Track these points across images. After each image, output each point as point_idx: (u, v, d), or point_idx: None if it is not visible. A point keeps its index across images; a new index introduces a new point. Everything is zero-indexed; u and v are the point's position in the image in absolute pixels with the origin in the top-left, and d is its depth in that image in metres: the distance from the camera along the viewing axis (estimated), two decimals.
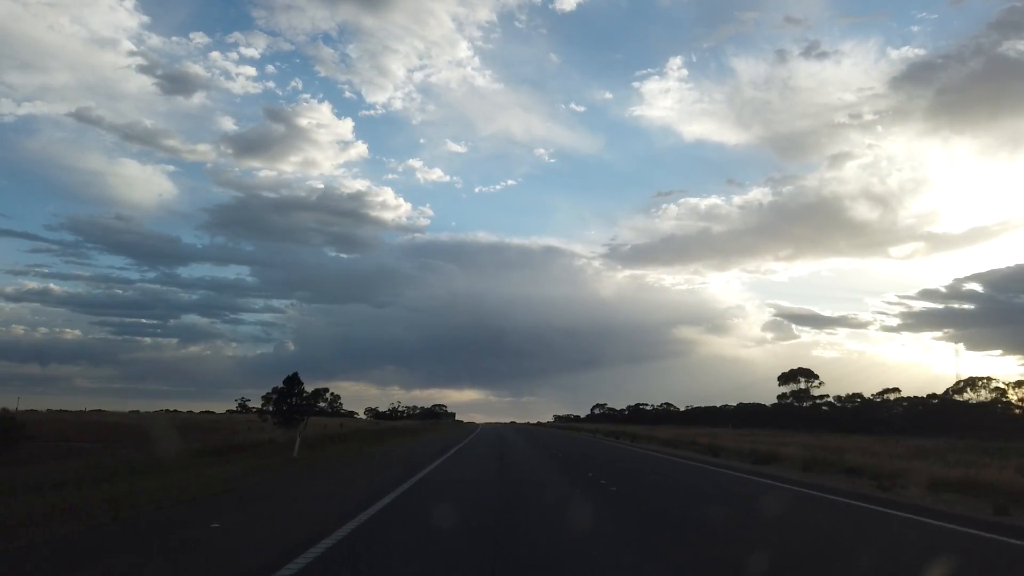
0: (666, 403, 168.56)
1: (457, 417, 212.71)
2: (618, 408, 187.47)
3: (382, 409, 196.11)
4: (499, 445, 42.09)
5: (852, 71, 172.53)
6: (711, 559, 8.35)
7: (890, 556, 8.85)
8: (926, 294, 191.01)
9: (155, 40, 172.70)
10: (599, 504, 13.42)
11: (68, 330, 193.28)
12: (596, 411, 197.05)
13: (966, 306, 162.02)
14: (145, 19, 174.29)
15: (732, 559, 8.33)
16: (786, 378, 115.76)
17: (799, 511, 13.49)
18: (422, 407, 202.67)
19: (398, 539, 9.11)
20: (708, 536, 10.16)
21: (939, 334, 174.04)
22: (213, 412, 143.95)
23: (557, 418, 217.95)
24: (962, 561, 8.50)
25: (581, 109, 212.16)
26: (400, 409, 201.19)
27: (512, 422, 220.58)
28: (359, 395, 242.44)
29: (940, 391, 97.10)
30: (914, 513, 12.82)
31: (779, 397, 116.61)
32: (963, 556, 8.83)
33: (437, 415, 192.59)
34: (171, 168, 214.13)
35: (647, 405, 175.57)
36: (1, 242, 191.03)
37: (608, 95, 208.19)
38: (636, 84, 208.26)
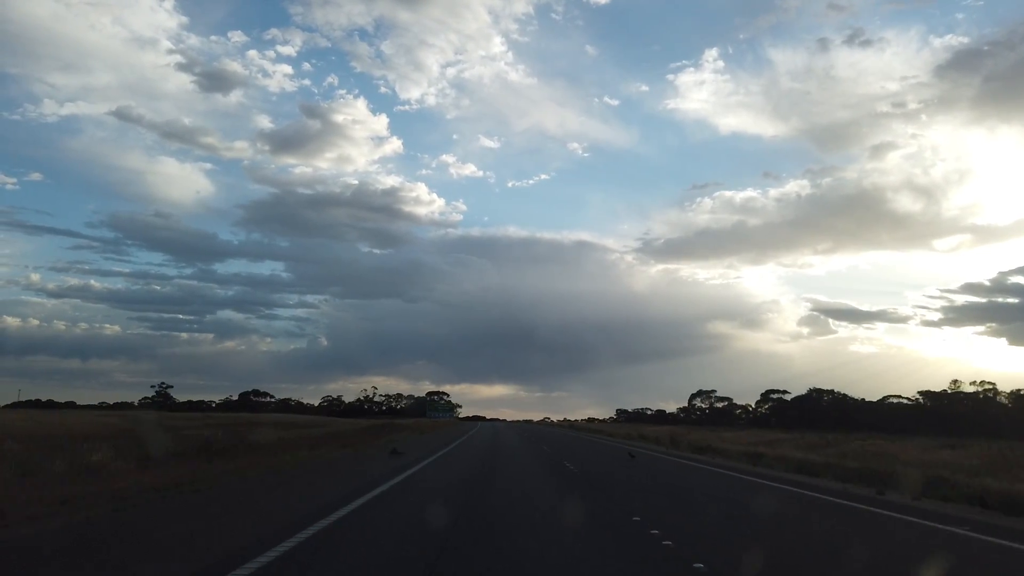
0: (815, 388, 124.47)
1: (462, 413, 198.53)
2: (741, 403, 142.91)
3: (349, 399, 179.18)
4: None
5: (894, 60, 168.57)
6: None
7: None
8: (969, 288, 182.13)
9: (194, 40, 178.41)
10: None
11: (108, 326, 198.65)
12: (698, 403, 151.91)
13: (1010, 300, 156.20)
14: (184, 19, 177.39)
15: None
16: None
17: None
18: (410, 395, 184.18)
19: None
20: None
21: (981, 328, 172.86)
22: None
23: (623, 414, 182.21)
24: None
25: (615, 103, 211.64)
26: (377, 399, 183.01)
27: (545, 419, 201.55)
28: (391, 389, 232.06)
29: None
30: None
31: None
32: None
33: (428, 409, 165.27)
34: (208, 166, 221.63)
35: (784, 393, 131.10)
36: (44, 239, 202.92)
37: (643, 88, 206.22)
38: (671, 76, 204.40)
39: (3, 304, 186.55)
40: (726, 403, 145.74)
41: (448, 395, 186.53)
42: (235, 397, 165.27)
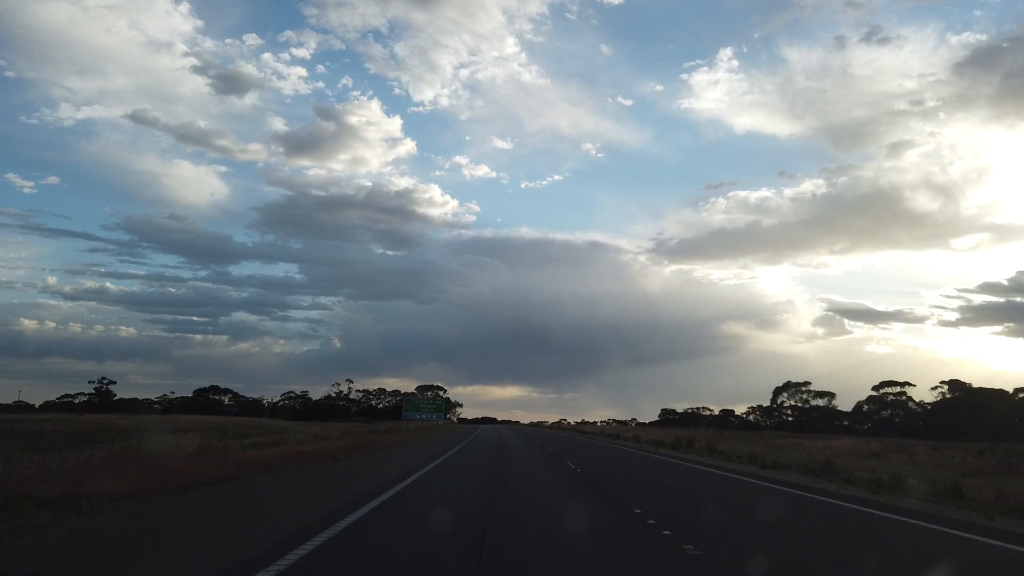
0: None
1: (471, 415, 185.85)
2: (848, 401, 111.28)
3: (316, 396, 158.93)
4: None
5: (912, 57, 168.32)
6: None
7: None
8: (987, 287, 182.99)
9: (209, 43, 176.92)
10: None
11: (123, 328, 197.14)
12: (785, 399, 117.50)
13: None
14: (199, 23, 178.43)
15: None
16: None
17: None
18: (395, 391, 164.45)
19: None
20: None
21: (999, 328, 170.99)
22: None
23: (669, 415, 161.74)
24: None
25: (629, 103, 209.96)
26: (352, 395, 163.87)
27: (561, 420, 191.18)
28: (403, 391, 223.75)
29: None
30: None
31: None
32: None
33: (406, 408, 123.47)
34: (223, 168, 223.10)
35: (905, 385, 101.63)
36: (61, 242, 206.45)
37: (658, 87, 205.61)
38: (685, 76, 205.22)
39: (20, 307, 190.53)
40: (827, 399, 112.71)
41: (445, 390, 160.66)
42: (183, 395, 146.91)
